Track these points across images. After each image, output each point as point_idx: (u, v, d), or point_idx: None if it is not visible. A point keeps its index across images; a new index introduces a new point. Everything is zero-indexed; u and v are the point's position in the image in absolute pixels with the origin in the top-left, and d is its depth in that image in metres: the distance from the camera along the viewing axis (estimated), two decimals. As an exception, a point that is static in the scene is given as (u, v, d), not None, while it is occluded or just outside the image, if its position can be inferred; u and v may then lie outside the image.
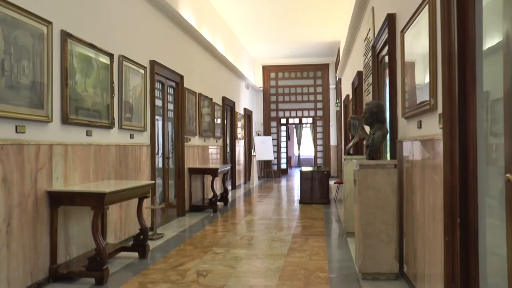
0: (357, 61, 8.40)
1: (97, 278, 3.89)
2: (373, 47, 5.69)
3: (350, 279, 4.06)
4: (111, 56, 5.02)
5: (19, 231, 3.51)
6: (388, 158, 5.05)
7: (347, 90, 11.02)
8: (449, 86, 2.60)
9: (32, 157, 3.66)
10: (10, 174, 3.40)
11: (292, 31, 12.34)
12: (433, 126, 3.02)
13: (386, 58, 4.62)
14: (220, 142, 10.82)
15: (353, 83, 8.95)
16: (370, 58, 6.00)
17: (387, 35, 4.51)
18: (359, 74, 7.79)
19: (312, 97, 16.40)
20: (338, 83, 14.49)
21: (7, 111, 3.35)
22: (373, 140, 4.24)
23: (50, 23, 3.86)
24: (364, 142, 6.05)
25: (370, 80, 6.20)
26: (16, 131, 3.49)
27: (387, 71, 4.73)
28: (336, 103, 15.30)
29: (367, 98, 6.55)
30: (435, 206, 2.95)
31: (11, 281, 3.43)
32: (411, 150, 3.67)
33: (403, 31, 3.84)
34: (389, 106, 4.58)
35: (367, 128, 5.42)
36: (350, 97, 9.78)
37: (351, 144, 6.26)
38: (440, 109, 2.79)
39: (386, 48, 4.65)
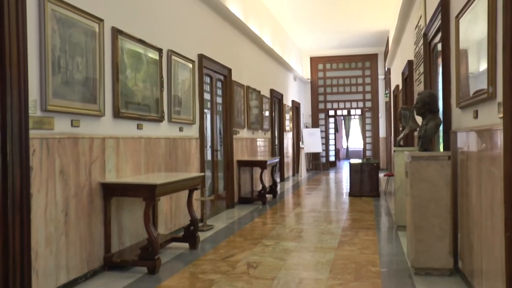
0: (407, 50, 8.15)
1: (150, 268, 4.00)
2: (425, 35, 5.49)
3: (402, 274, 3.96)
4: (160, 51, 5.12)
5: (76, 221, 3.66)
6: (441, 149, 4.87)
7: (396, 80, 10.73)
8: (510, 73, 2.45)
9: (86, 150, 3.80)
10: (66, 166, 3.55)
11: (339, 21, 12.12)
12: (491, 116, 2.87)
13: (439, 46, 4.45)
14: (268, 134, 10.82)
15: (403, 73, 8.71)
16: (422, 47, 5.80)
17: (440, 22, 4.32)
18: (410, 63, 7.56)
19: (360, 88, 16.09)
20: (387, 73, 14.12)
21: (64, 106, 3.50)
22: (426, 131, 4.10)
23: (101, 20, 3.98)
24: (416, 133, 5.87)
25: (421, 69, 6.00)
26: (72, 125, 3.63)
27: (439, 60, 4.55)
28: (386, 93, 14.93)
29: (418, 88, 6.35)
30: (493, 199, 2.81)
31: (70, 268, 3.59)
32: (466, 141, 3.51)
33: (458, 17, 3.67)
34: (442, 96, 4.40)
35: (418, 119, 5.26)
36: (400, 87, 9.52)
37: (401, 135, 6.09)
38: (499, 98, 2.65)
39: (439, 36, 4.47)
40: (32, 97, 3.21)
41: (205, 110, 6.77)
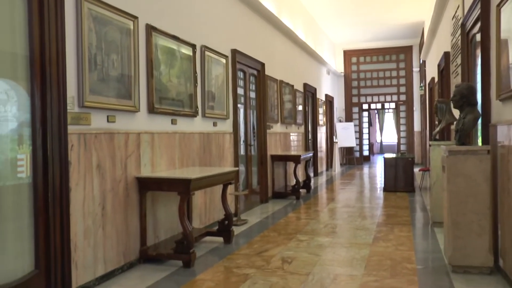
0: (443, 42, 7.93)
1: (185, 261, 4.05)
2: (463, 25, 5.32)
3: (439, 271, 3.87)
4: (193, 46, 5.16)
5: (112, 214, 3.75)
6: (480, 143, 4.72)
7: (432, 72, 10.46)
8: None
9: (122, 145, 3.88)
10: (103, 161, 3.64)
11: (373, 13, 11.89)
12: (533, 108, 2.76)
13: (478, 36, 4.30)
14: (302, 129, 10.77)
15: (439, 65, 8.48)
16: (459, 38, 5.63)
17: (479, 11, 4.18)
18: (446, 55, 7.36)
19: (394, 81, 15.79)
20: (422, 65, 13.79)
21: (100, 102, 3.58)
22: (464, 125, 3.98)
23: (136, 18, 4.04)
24: (453, 127, 5.71)
25: (458, 61, 5.83)
26: (108, 121, 3.71)
27: (478, 50, 4.40)
28: (421, 86, 14.60)
29: (455, 80, 6.17)
30: (535, 195, 2.71)
31: (107, 260, 3.68)
32: (508, 135, 3.39)
33: (499, 5, 3.53)
34: (481, 88, 4.26)
35: (455, 112, 5.11)
36: (436, 79, 9.28)
37: (438, 129, 5.93)
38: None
39: (478, 26, 4.32)
40: (70, 93, 3.31)
41: (239, 105, 6.79)
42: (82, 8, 3.38)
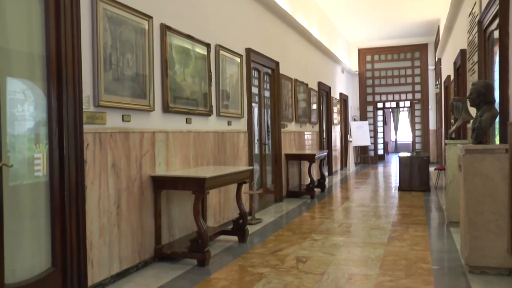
0: (459, 39, 7.82)
1: (199, 260, 4.06)
2: (480, 22, 5.24)
3: (456, 271, 3.82)
4: (208, 46, 5.17)
5: (127, 213, 3.78)
6: (497, 142, 4.65)
7: (448, 70, 10.33)
8: None
9: (137, 144, 3.91)
10: (118, 160, 3.66)
11: (388, 11, 11.78)
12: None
13: (496, 33, 4.23)
14: (316, 127, 10.73)
15: (455, 63, 8.37)
16: (476, 35, 5.55)
17: (497, 8, 4.11)
18: (462, 52, 7.26)
19: (409, 80, 15.64)
20: (438, 63, 13.62)
21: (115, 102, 3.61)
22: (481, 123, 3.92)
23: (150, 17, 4.06)
24: (469, 125, 5.63)
25: (475, 58, 5.75)
26: (123, 120, 3.74)
27: (496, 48, 4.33)
28: (436, 85, 14.42)
29: (472, 78, 6.09)
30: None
31: (122, 259, 3.71)
32: (526, 133, 3.33)
33: (517, 2, 3.47)
34: (498, 86, 4.19)
35: (472, 111, 5.04)
36: (452, 77, 9.16)
37: (454, 127, 5.86)
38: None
39: (496, 22, 4.25)
40: (86, 93, 3.34)
41: (253, 104, 6.79)
42: (97, 8, 3.41)
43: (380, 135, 17.04)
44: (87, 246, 3.31)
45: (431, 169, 10.43)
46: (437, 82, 14.27)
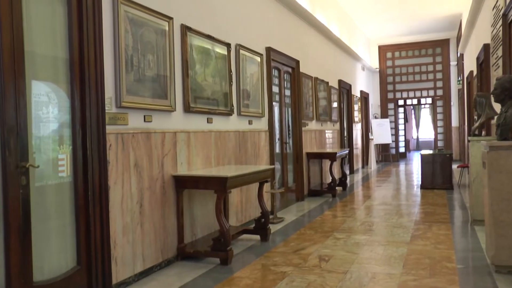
0: (483, 34, 7.66)
1: (222, 258, 4.08)
2: (504, 15, 5.13)
3: (481, 271, 3.74)
4: (228, 45, 5.19)
5: (150, 212, 3.82)
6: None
7: (470, 66, 10.13)
8: None
9: (158, 144, 3.95)
10: (140, 159, 3.71)
11: (408, 7, 11.61)
12: None
13: (522, 26, 4.14)
14: (337, 126, 10.66)
15: (477, 58, 8.20)
16: (500, 29, 5.43)
17: (522, 0, 4.02)
18: (486, 47, 7.10)
19: (431, 76, 15.39)
20: (460, 59, 13.37)
21: (137, 102, 3.65)
22: (506, 119, 3.84)
23: (170, 18, 4.10)
24: (493, 121, 5.51)
25: (499, 53, 5.62)
26: (144, 120, 3.78)
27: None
28: (458, 80, 14.16)
29: (496, 73, 5.96)
30: None
31: (145, 257, 3.75)
32: (554, 128, 3.24)
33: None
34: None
35: (496, 106, 4.93)
36: (475, 73, 8.99)
37: (477, 124, 5.74)
38: None
39: (522, 15, 4.15)
40: (108, 94, 3.39)
41: (274, 103, 6.78)
42: (118, 10, 3.46)
43: (401, 132, 16.83)
44: (111, 245, 3.35)
45: (454, 166, 10.26)
46: (459, 78, 14.03)
